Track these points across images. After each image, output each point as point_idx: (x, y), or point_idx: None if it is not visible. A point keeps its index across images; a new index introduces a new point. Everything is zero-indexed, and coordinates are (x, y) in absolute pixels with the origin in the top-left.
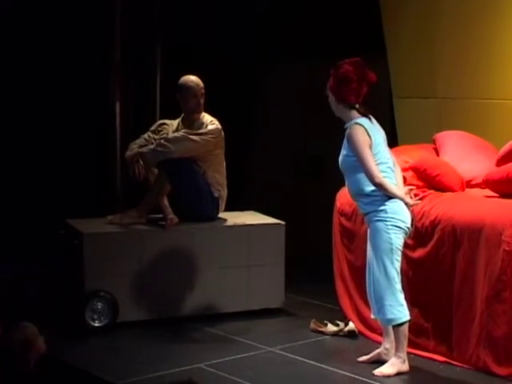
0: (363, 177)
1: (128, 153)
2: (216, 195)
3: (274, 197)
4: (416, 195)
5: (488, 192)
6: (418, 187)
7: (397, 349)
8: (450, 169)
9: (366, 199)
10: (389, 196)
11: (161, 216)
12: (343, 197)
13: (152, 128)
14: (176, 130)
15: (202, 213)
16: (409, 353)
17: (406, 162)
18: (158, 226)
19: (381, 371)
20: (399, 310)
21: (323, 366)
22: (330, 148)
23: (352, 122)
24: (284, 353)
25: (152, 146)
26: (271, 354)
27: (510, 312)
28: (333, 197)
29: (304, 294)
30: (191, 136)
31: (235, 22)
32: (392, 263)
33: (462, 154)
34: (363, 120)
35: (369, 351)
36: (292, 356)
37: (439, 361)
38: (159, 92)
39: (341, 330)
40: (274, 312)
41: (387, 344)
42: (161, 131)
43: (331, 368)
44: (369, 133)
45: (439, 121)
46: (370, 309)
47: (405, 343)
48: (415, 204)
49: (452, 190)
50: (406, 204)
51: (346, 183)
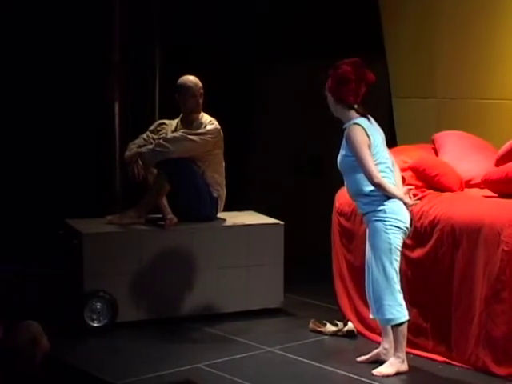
0: (362, 177)
1: (127, 153)
2: (215, 195)
3: (273, 197)
4: (415, 195)
5: (487, 192)
6: (417, 187)
7: (396, 349)
8: (449, 169)
9: (365, 199)
10: (388, 196)
11: (160, 216)
12: (342, 197)
13: (151, 128)
14: (175, 130)
15: (201, 213)
16: (408, 353)
17: (405, 162)
18: (157, 226)
19: (380, 371)
20: (398, 310)
21: (322, 366)
22: (330, 148)
23: (351, 122)
24: (283, 353)
25: (151, 146)
26: (270, 354)
27: (509, 312)
28: (332, 197)
29: (303, 294)
30: (190, 136)
31: (234, 22)
32: (391, 263)
33: (461, 154)
34: (362, 120)
35: (368, 351)
36: (291, 356)
37: (438, 361)
38: (158, 92)
39: (340, 330)
40: (273, 312)
41: (386, 344)
42: (160, 131)
43: (330, 368)
44: (367, 133)
45: (438, 121)
46: (369, 309)
47: (404, 343)
48: (414, 204)
49: (451, 190)
50: (405, 204)
51: (345, 183)
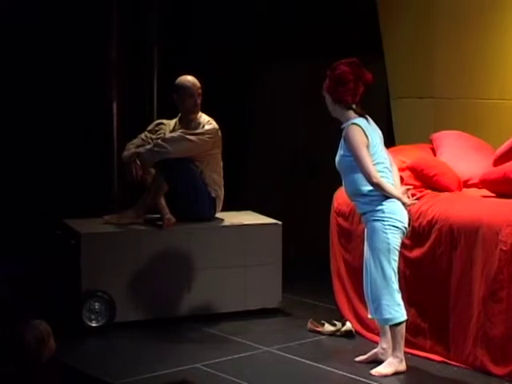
0: (360, 177)
1: (125, 153)
2: (213, 195)
3: (271, 197)
4: (413, 195)
5: (485, 192)
6: (416, 187)
7: (394, 348)
8: (447, 169)
9: (364, 199)
10: (386, 196)
11: (158, 216)
12: (340, 197)
13: (149, 128)
14: (173, 130)
15: (200, 213)
16: (406, 352)
17: (403, 162)
18: (156, 226)
19: (378, 371)
20: (396, 310)
21: (320, 366)
22: (328, 148)
23: (349, 123)
24: (281, 353)
25: (149, 146)
26: (268, 354)
27: (507, 312)
28: (330, 197)
29: (301, 294)
30: (188, 136)
31: (233, 22)
32: (389, 263)
33: (459, 154)
34: (360, 120)
35: (366, 351)
36: (289, 356)
37: (436, 360)
38: (156, 92)
39: (338, 330)
40: (271, 312)
41: (384, 344)
42: (158, 131)
43: (328, 368)
44: (366, 133)
45: (436, 121)
46: (367, 308)
47: (402, 343)
48: (412, 204)
49: (449, 190)
50: (404, 204)
51: (343, 183)
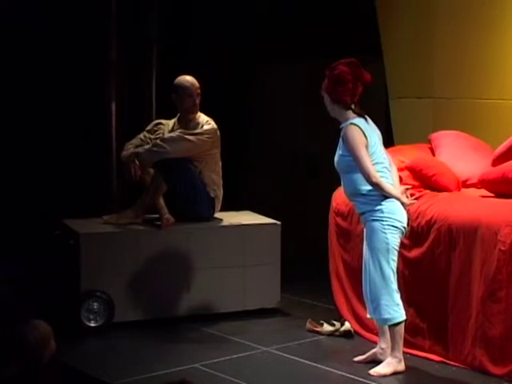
0: (359, 177)
1: (124, 153)
2: (212, 195)
3: (270, 197)
4: (412, 195)
5: (484, 192)
6: (414, 187)
7: (393, 348)
8: (446, 169)
9: (363, 199)
10: (385, 196)
11: (157, 216)
12: (339, 197)
13: (148, 128)
14: (172, 130)
15: (198, 213)
16: (405, 352)
17: (402, 162)
18: (154, 226)
19: (377, 371)
20: (395, 310)
21: (319, 366)
22: (327, 148)
23: (348, 122)
24: (280, 353)
25: (148, 146)
26: (267, 354)
27: (506, 312)
28: (329, 197)
29: (300, 294)
30: (187, 136)
31: (232, 22)
32: (388, 263)
33: (458, 154)
34: (359, 120)
35: (365, 351)
36: (288, 356)
37: (435, 360)
38: (155, 92)
39: (337, 330)
40: (270, 312)
41: (383, 344)
42: (157, 131)
43: (327, 368)
44: (365, 133)
45: (435, 121)
46: (366, 308)
47: (400, 343)
48: (411, 204)
49: (448, 190)
50: (402, 204)
51: (342, 183)
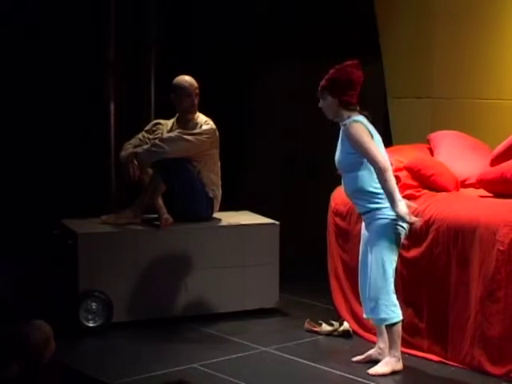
0: (365, 174)
1: (122, 153)
2: (211, 195)
3: (269, 197)
4: (412, 197)
5: (482, 192)
6: (413, 187)
7: (391, 348)
8: (445, 169)
9: (369, 197)
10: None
11: (155, 216)
12: (338, 197)
13: (147, 128)
14: (171, 130)
15: (197, 213)
16: (403, 352)
17: (401, 162)
18: (153, 226)
19: (375, 370)
20: (392, 310)
21: (318, 366)
22: (327, 148)
23: (350, 120)
24: (278, 353)
25: (146, 146)
26: (266, 354)
27: (504, 312)
28: (327, 197)
29: (298, 294)
30: (186, 136)
31: (230, 22)
32: (390, 263)
33: (457, 154)
34: (361, 117)
35: (363, 351)
36: (286, 356)
37: (434, 360)
38: (154, 92)
39: (335, 330)
40: (269, 312)
41: (381, 343)
42: (155, 131)
43: (326, 368)
44: (369, 129)
45: (433, 121)
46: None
47: (398, 342)
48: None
49: (446, 190)
50: (402, 218)
51: (344, 182)
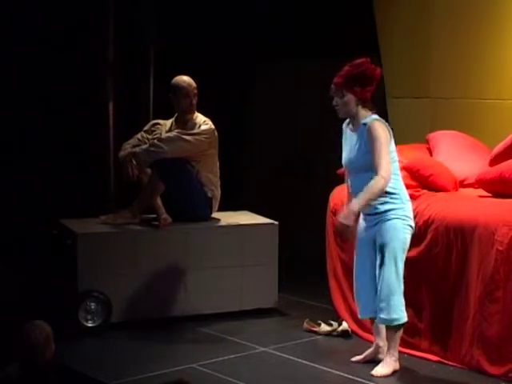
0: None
1: (121, 153)
2: (209, 195)
3: (268, 197)
4: (412, 195)
5: (481, 192)
6: (412, 187)
7: (391, 348)
8: (444, 169)
9: (382, 198)
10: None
11: (154, 216)
12: (337, 197)
13: (145, 128)
14: (169, 130)
15: (196, 213)
16: (402, 352)
17: (400, 162)
18: (152, 226)
19: (379, 371)
20: (402, 310)
21: (316, 366)
22: (326, 148)
23: (372, 118)
24: (277, 353)
25: (145, 146)
26: (264, 354)
27: (503, 311)
28: (326, 197)
29: (297, 294)
30: (184, 136)
31: (229, 22)
32: (402, 263)
33: (456, 154)
34: (379, 117)
35: (362, 351)
36: (285, 356)
37: (433, 360)
38: (153, 92)
39: (334, 330)
40: (268, 312)
41: (380, 342)
42: (154, 131)
43: (325, 368)
44: (389, 131)
45: (432, 121)
46: (358, 308)
47: (398, 342)
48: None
49: (445, 190)
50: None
51: (354, 182)
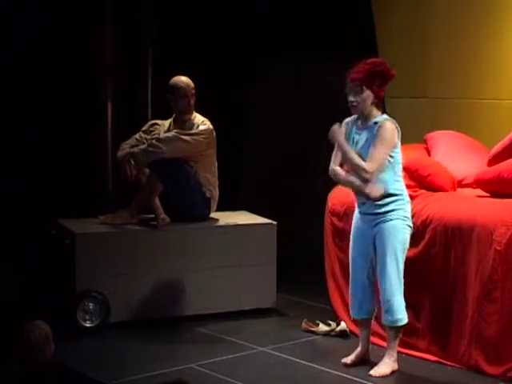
0: (390, 176)
1: (119, 153)
2: (207, 195)
3: (267, 197)
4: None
5: (479, 192)
6: (410, 187)
7: (390, 348)
8: (442, 169)
9: (387, 198)
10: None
11: (152, 216)
12: (335, 197)
13: (144, 128)
14: (168, 130)
15: (194, 213)
16: (401, 352)
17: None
18: (150, 226)
19: (378, 371)
20: (404, 311)
21: (315, 366)
22: (323, 148)
23: (385, 117)
24: (275, 353)
25: (143, 146)
26: (263, 354)
27: (501, 311)
28: (324, 197)
29: (296, 294)
30: (183, 136)
31: (228, 22)
32: (402, 263)
33: (454, 154)
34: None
35: None
36: (284, 356)
37: (431, 360)
38: (151, 92)
39: (332, 330)
40: (266, 312)
41: (365, 343)
42: (152, 131)
43: (323, 368)
44: (398, 131)
45: (431, 121)
46: (351, 308)
47: (397, 343)
48: None
49: (443, 190)
50: None
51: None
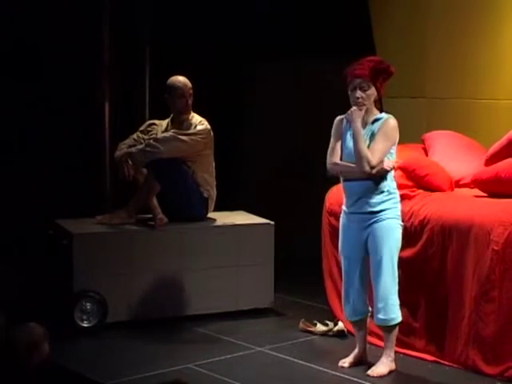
0: (388, 174)
1: (117, 153)
2: (205, 195)
3: (267, 196)
4: (407, 196)
5: (477, 192)
6: (407, 187)
7: (387, 348)
8: (439, 169)
9: (383, 197)
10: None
11: (150, 216)
12: (332, 197)
13: (141, 128)
14: (165, 131)
15: (192, 213)
16: (398, 352)
17: (396, 162)
18: (148, 226)
19: (376, 371)
20: (398, 309)
21: (312, 366)
22: (322, 148)
23: (387, 115)
24: (273, 353)
25: (141, 146)
26: (260, 354)
27: (499, 311)
28: (322, 197)
29: (293, 294)
30: (180, 136)
31: (225, 22)
32: (397, 261)
33: (451, 154)
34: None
35: None
36: (281, 356)
37: (428, 360)
38: (148, 92)
39: (330, 330)
40: (264, 312)
41: (362, 344)
42: (150, 131)
43: (320, 368)
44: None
45: (428, 121)
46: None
47: (394, 342)
48: None
49: (441, 190)
50: None
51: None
